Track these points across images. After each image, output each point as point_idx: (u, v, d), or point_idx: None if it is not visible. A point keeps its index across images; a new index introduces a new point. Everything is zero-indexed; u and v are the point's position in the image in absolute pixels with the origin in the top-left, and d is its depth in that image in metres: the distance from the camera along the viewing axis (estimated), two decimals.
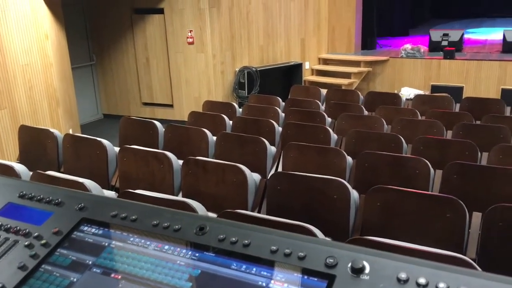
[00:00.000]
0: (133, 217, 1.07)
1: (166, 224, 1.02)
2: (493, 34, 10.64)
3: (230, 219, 2.25)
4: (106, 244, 1.03)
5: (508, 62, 7.71)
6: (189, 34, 7.32)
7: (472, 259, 2.37)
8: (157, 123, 4.48)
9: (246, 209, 3.04)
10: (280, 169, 3.88)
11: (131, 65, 8.04)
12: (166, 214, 1.05)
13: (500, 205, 2.29)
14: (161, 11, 7.46)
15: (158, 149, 4.36)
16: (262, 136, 4.15)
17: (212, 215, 2.43)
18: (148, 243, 1.01)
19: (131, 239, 1.03)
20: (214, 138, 4.18)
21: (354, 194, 2.79)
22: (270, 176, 2.95)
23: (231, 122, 4.94)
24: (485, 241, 2.33)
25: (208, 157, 4.11)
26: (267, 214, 2.96)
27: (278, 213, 2.89)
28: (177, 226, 1.01)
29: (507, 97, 7.40)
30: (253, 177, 3.14)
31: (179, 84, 7.69)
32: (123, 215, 1.07)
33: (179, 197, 2.80)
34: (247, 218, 2.15)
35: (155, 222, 1.04)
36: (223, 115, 4.94)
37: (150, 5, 7.48)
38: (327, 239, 0.90)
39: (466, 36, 9.90)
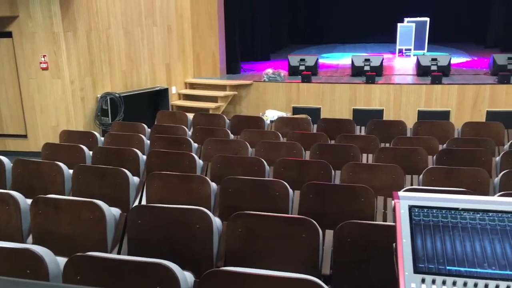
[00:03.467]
0: None
1: None
2: (344, 59, 11.71)
3: (81, 263, 2.09)
4: None
5: (356, 85, 8.52)
6: (43, 59, 6.81)
7: (327, 275, 2.51)
8: (3, 158, 4.04)
9: (106, 248, 2.86)
10: (144, 201, 3.75)
11: None
12: None
13: (348, 222, 2.46)
14: (8, 35, 6.83)
15: (5, 188, 3.93)
16: (125, 166, 3.98)
17: (62, 259, 2.22)
18: None
19: None
20: (71, 171, 3.89)
21: (217, 221, 2.78)
22: (130, 210, 2.81)
23: (91, 152, 4.66)
24: (337, 257, 2.48)
25: (64, 194, 3.81)
26: (128, 252, 2.82)
27: (139, 249, 2.77)
28: None
29: (358, 116, 8.17)
30: (112, 212, 2.97)
31: (33, 113, 7.08)
32: None
33: (24, 244, 2.52)
34: (98, 261, 2.01)
35: None
36: (81, 146, 4.64)
37: None
38: None
39: (320, 60, 10.74)
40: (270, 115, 8.36)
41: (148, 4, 8.13)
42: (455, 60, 10.87)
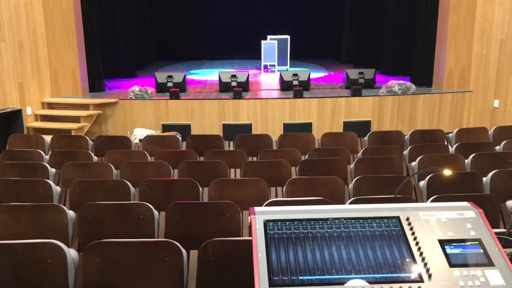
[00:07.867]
0: None
1: None
2: (212, 75, 11.86)
3: None
4: None
5: (225, 100, 8.66)
6: None
7: None
8: None
9: None
10: None
11: None
12: None
13: (210, 240, 2.43)
14: None
15: None
16: None
17: None
18: None
19: None
20: None
21: (72, 254, 2.56)
22: None
23: None
24: (202, 278, 2.43)
25: None
26: None
27: None
28: None
29: (228, 131, 8.31)
30: None
31: None
32: None
33: None
34: None
35: None
36: None
37: None
38: None
39: (189, 77, 10.73)
40: (139, 133, 8.10)
41: None
42: (314, 75, 11.67)
